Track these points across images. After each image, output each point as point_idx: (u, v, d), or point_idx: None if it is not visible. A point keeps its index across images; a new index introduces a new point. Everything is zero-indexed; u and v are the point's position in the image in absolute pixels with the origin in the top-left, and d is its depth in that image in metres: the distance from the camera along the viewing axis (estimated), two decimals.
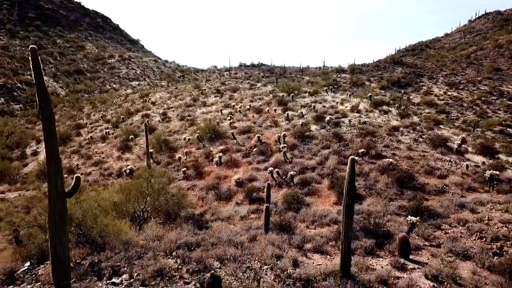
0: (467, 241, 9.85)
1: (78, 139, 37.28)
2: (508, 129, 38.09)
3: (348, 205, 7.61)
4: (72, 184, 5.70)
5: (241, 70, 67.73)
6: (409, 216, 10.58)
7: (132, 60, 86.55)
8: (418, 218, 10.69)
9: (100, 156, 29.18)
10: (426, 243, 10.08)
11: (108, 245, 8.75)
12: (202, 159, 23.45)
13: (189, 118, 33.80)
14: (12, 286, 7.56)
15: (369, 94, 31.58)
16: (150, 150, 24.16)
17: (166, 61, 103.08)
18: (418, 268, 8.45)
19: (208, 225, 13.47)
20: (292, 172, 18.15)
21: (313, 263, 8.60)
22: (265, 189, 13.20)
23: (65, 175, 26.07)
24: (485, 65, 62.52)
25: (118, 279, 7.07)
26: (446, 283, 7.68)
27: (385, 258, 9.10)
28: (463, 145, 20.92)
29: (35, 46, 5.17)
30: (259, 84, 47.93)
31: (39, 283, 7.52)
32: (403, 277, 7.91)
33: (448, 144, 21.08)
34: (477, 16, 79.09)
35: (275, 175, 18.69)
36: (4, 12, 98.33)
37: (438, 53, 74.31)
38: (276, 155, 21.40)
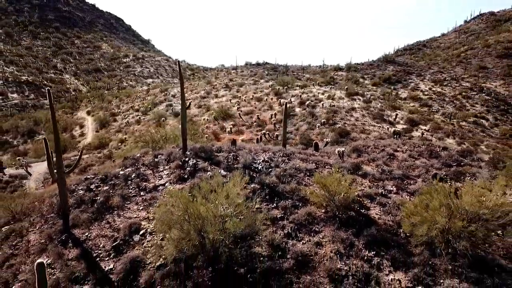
0: (347, 146, 22.76)
1: (116, 124, 51.28)
2: (481, 120, 50.09)
3: (284, 125, 20.73)
4: (187, 104, 18.77)
5: (247, 69, 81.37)
6: (327, 139, 23.58)
7: (145, 59, 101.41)
8: (333, 142, 23.61)
9: (140, 132, 42.86)
10: (331, 149, 22.99)
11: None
12: (218, 131, 36.82)
13: (204, 106, 47.34)
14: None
15: (345, 87, 44.52)
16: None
17: (177, 60, 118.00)
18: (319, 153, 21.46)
19: None
20: (277, 133, 31.30)
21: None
22: (259, 139, 26.69)
23: (119, 144, 39.82)
24: (473, 64, 74.20)
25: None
26: (329, 155, 20.69)
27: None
28: (396, 119, 33.72)
29: (178, 58, 18.21)
30: (262, 81, 61.35)
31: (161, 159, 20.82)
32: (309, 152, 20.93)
33: (387, 118, 33.88)
34: (472, 17, 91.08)
35: (266, 136, 31.86)
36: (26, 15, 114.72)
37: (433, 52, 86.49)
38: (268, 126, 34.64)
